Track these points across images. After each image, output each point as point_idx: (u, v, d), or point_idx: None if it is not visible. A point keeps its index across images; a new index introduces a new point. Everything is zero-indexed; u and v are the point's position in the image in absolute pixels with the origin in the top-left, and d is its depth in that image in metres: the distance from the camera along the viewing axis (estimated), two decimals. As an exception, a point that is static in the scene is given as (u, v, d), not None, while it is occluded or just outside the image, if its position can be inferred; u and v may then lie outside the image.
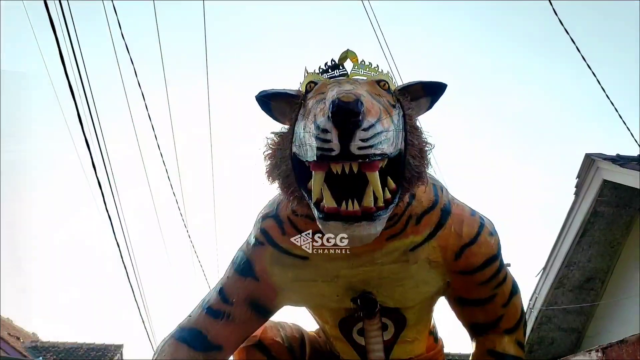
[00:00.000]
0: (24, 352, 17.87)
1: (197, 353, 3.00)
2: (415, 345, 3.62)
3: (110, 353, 20.64)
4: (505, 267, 3.26)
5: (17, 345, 18.08)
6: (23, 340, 19.94)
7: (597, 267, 8.51)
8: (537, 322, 9.13)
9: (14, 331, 19.82)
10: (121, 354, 21.50)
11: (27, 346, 19.57)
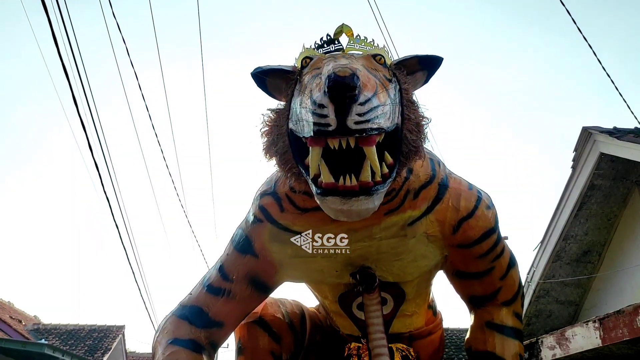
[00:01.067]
0: (27, 335, 18.00)
1: (199, 330, 3.02)
2: (415, 318, 3.66)
3: (112, 334, 20.82)
4: (502, 240, 3.28)
5: (19, 328, 18.20)
6: (25, 323, 20.08)
7: (594, 240, 8.56)
8: (534, 295, 9.21)
9: (15, 314, 19.95)
10: (123, 335, 21.70)
11: (29, 329, 19.72)
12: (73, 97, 4.80)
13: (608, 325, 4.59)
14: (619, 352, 5.17)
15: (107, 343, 20.08)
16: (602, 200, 8.06)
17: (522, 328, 3.48)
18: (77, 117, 4.83)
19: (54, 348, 12.36)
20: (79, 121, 5.03)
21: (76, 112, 4.82)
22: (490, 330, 3.28)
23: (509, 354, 3.18)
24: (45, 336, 18.38)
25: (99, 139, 5.48)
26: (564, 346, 5.36)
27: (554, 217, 8.54)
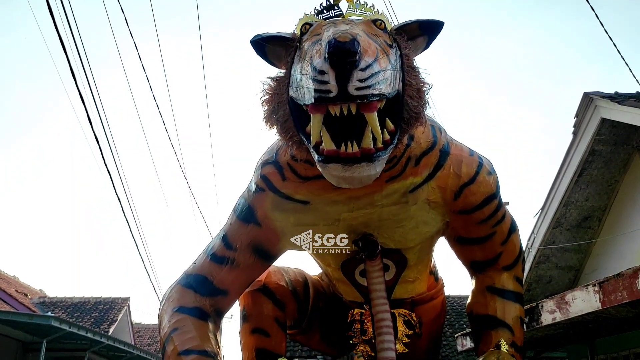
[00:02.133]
0: (33, 308, 18.23)
1: (204, 298, 3.06)
2: (416, 284, 3.70)
3: (117, 306, 21.09)
4: (503, 206, 3.30)
5: (26, 302, 18.43)
6: (31, 296, 20.33)
7: (595, 206, 8.58)
8: (535, 261, 9.29)
9: (21, 288, 20.18)
10: (128, 306, 21.98)
11: (35, 302, 19.97)
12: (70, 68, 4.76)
13: (607, 289, 4.63)
14: (618, 315, 5.23)
15: (113, 315, 20.35)
16: (602, 165, 8.06)
17: (523, 292, 3.52)
18: (75, 89, 4.79)
19: (61, 320, 12.54)
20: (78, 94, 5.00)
21: (74, 84, 4.79)
22: (491, 295, 3.32)
23: (509, 317, 3.22)
24: (52, 309, 18.62)
25: (99, 112, 5.45)
26: (563, 310, 5.41)
27: (555, 183, 8.55)
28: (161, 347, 2.99)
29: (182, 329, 2.86)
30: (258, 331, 3.52)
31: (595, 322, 5.71)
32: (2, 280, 18.56)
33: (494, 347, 3.03)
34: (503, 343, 3.02)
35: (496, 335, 3.13)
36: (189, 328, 2.87)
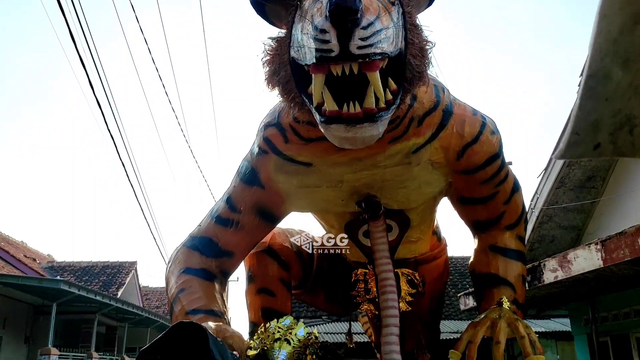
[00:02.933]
0: (42, 272, 18.53)
1: (209, 259, 3.10)
2: (419, 244, 3.73)
3: (124, 270, 21.43)
4: (506, 165, 3.29)
5: (34, 266, 18.72)
6: (39, 261, 20.64)
7: (598, 166, 8.57)
8: (538, 222, 9.34)
9: (29, 253, 20.46)
10: (135, 270, 22.34)
11: (44, 267, 20.29)
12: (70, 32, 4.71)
13: (610, 247, 4.67)
14: (619, 272, 5.30)
15: (121, 278, 20.68)
16: (607, 125, 8.00)
17: (525, 251, 3.54)
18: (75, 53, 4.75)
19: (70, 283, 12.77)
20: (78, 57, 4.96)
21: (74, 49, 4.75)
22: (494, 254, 3.34)
23: (511, 275, 3.24)
24: (60, 273, 18.92)
25: (99, 76, 5.42)
26: (565, 268, 5.47)
27: (559, 142, 8.51)
28: (169, 308, 3.05)
29: (189, 289, 2.91)
30: (264, 291, 3.58)
31: (597, 281, 5.79)
32: (11, 246, 18.82)
33: (496, 304, 3.06)
34: (505, 300, 3.05)
35: (498, 293, 3.16)
36: (196, 288, 2.91)
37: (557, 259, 5.69)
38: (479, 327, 2.97)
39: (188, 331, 1.51)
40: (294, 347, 2.17)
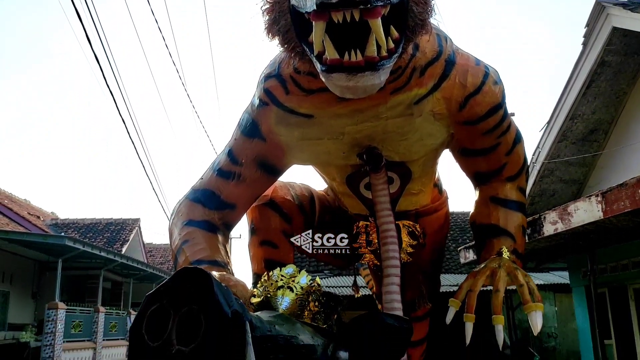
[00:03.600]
0: (46, 230, 18.71)
1: (212, 212, 3.12)
2: (421, 196, 3.75)
3: (128, 227, 21.62)
4: (509, 116, 3.27)
5: (39, 223, 18.88)
6: (43, 219, 20.80)
7: (601, 119, 8.52)
8: (539, 176, 9.35)
9: (33, 211, 20.61)
10: (139, 227, 22.54)
11: (48, 224, 20.47)
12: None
13: (610, 199, 4.68)
14: (619, 224, 5.33)
15: (125, 235, 20.88)
16: (611, 77, 7.91)
17: (526, 202, 3.56)
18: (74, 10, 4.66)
19: (74, 240, 12.89)
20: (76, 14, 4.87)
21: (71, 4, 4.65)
22: (495, 205, 3.36)
23: (512, 225, 3.26)
24: (64, 230, 19.08)
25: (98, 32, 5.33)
26: (565, 221, 5.50)
27: (562, 96, 8.44)
28: (173, 259, 3.09)
29: (192, 240, 2.94)
30: (266, 243, 3.62)
31: (596, 233, 5.83)
32: (15, 204, 18.94)
33: (496, 254, 3.10)
34: (505, 250, 3.08)
35: (498, 243, 3.18)
36: (199, 240, 2.94)
37: (557, 212, 5.72)
38: (479, 276, 3.02)
39: (193, 277, 1.54)
40: (297, 295, 2.20)
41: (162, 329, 1.50)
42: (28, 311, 15.94)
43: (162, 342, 1.48)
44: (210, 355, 1.45)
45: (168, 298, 1.53)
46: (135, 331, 1.53)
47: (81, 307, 14.80)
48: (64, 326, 13.04)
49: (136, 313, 1.57)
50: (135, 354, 1.54)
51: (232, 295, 1.58)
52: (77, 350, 13.93)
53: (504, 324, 2.89)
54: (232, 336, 1.50)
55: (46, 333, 12.64)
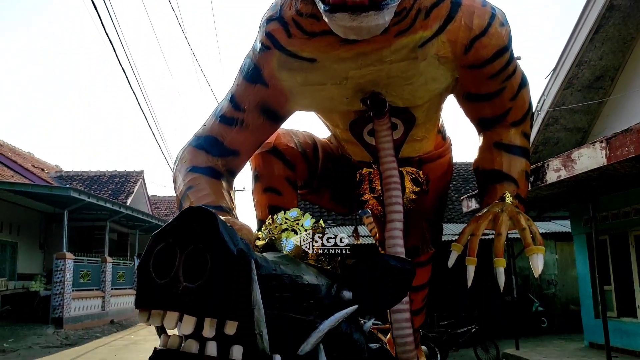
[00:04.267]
0: (51, 182, 18.83)
1: (215, 158, 3.11)
2: (424, 143, 3.73)
3: (132, 179, 21.76)
4: (514, 60, 3.21)
5: (43, 176, 18.99)
6: (48, 171, 20.91)
7: (608, 65, 8.40)
8: (543, 124, 9.30)
9: (37, 163, 20.69)
10: (143, 179, 22.68)
11: (53, 176, 20.59)
12: None
13: (614, 144, 4.67)
14: (623, 171, 5.33)
15: (129, 187, 21.03)
16: (620, 22, 7.75)
17: (530, 147, 3.55)
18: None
19: (80, 191, 12.99)
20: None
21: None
22: (498, 150, 3.34)
23: (515, 171, 3.26)
24: (69, 183, 19.21)
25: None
26: (569, 167, 5.51)
27: (569, 41, 8.29)
28: (177, 205, 3.10)
29: (196, 187, 2.94)
30: (270, 190, 3.63)
31: (599, 180, 5.84)
32: (19, 156, 19.00)
33: (499, 199, 3.11)
34: (507, 195, 3.09)
35: (501, 189, 3.19)
36: (204, 186, 2.95)
37: (560, 159, 5.72)
38: (481, 221, 3.04)
39: (198, 216, 1.55)
40: (301, 237, 2.23)
41: (169, 267, 1.52)
42: (36, 262, 16.24)
43: (170, 280, 1.50)
44: (217, 292, 1.48)
45: (174, 237, 1.54)
46: (143, 269, 1.55)
47: (89, 258, 15.05)
48: (73, 276, 13.32)
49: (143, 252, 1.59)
50: (143, 291, 1.57)
51: (237, 235, 1.60)
52: (86, 299, 14.28)
53: (505, 267, 2.93)
54: (237, 274, 1.52)
55: (55, 282, 12.91)
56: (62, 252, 13.03)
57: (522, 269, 11.75)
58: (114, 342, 11.98)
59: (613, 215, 7.85)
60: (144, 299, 1.57)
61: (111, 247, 17.75)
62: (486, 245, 3.14)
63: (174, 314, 1.53)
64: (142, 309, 1.60)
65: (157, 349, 1.61)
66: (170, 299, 1.51)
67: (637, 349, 7.62)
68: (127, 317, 16.78)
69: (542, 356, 7.86)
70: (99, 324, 14.71)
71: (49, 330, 12.28)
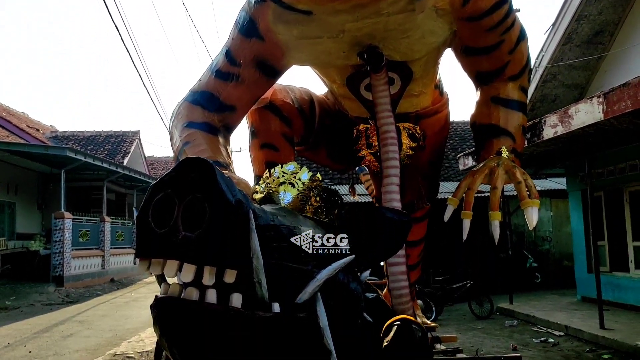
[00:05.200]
0: (46, 142, 18.74)
1: (212, 114, 3.10)
2: (421, 98, 3.71)
3: (128, 139, 21.65)
4: (513, 12, 3.17)
5: (39, 136, 18.89)
6: (43, 131, 20.78)
7: (608, 20, 8.28)
8: (541, 80, 9.23)
9: (32, 124, 20.54)
10: (139, 139, 22.57)
11: (48, 136, 20.48)
12: None
13: (612, 99, 4.65)
14: (619, 126, 5.33)
15: (125, 147, 20.95)
16: (621, -25, 7.61)
17: (527, 101, 3.54)
18: None
19: (76, 151, 12.94)
20: None
21: None
22: (495, 105, 3.34)
23: (512, 125, 3.27)
24: (65, 143, 19.13)
25: None
26: (565, 123, 5.50)
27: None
28: (175, 161, 3.11)
29: (193, 142, 2.94)
30: (267, 146, 3.63)
31: (596, 136, 5.84)
32: (13, 117, 18.85)
33: (495, 154, 3.12)
34: (504, 149, 3.10)
35: (498, 143, 3.20)
36: (200, 141, 2.95)
37: (557, 115, 5.70)
38: (477, 175, 3.06)
39: (196, 166, 1.56)
40: (299, 190, 2.24)
41: (168, 217, 1.53)
42: (35, 221, 16.32)
43: (169, 229, 1.52)
44: (216, 240, 1.50)
45: (172, 187, 1.55)
46: (142, 219, 1.57)
47: (87, 217, 15.12)
48: (72, 235, 13.40)
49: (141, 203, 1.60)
50: (143, 240, 1.59)
51: (235, 186, 1.61)
52: (86, 257, 14.41)
53: (500, 221, 2.97)
54: (236, 223, 1.54)
55: (55, 241, 13.00)
56: (61, 212, 13.08)
57: (517, 226, 11.88)
58: (115, 299, 12.17)
59: (609, 171, 7.89)
60: (144, 248, 1.59)
61: (109, 207, 17.81)
62: (482, 202, 3.17)
63: (173, 263, 1.55)
64: (142, 258, 1.62)
65: (158, 296, 1.64)
66: (170, 248, 1.53)
67: (628, 302, 7.78)
68: (127, 275, 16.99)
69: (535, 310, 8.02)
70: (99, 282, 14.90)
71: (50, 288, 12.45)
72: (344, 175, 11.85)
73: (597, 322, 6.26)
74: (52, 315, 9.63)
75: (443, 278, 8.95)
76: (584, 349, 5.61)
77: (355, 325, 2.11)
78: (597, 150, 6.80)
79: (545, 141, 6.08)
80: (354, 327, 2.10)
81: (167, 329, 1.62)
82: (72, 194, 16.74)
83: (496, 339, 6.19)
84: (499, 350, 5.17)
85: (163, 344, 1.66)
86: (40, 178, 16.23)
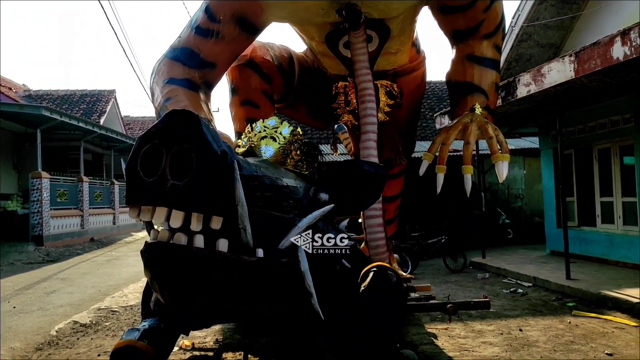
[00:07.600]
0: (20, 101, 18.34)
1: (192, 70, 3.13)
2: (399, 56, 3.79)
3: (104, 98, 21.25)
4: (489, -29, 3.24)
5: (11, 95, 18.45)
6: (15, 90, 20.28)
7: (584, -21, 8.34)
8: (517, 40, 9.30)
9: (4, 82, 19.98)
10: (115, 99, 22.15)
11: (21, 95, 19.99)
12: None
13: (583, 58, 4.76)
14: (590, 84, 5.47)
15: (101, 106, 20.60)
16: None
17: (500, 59, 3.63)
18: None
19: (52, 110, 12.72)
20: None
21: None
22: (470, 63, 3.43)
23: (485, 83, 3.37)
24: (39, 102, 18.73)
25: None
26: (538, 82, 5.62)
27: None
28: (157, 117, 3.16)
29: (175, 98, 2.99)
30: (247, 103, 3.69)
31: (567, 95, 5.98)
32: (-17, 75, 18.33)
33: (469, 110, 3.23)
34: (477, 106, 3.21)
35: (472, 100, 3.30)
36: (182, 97, 2.99)
37: (531, 73, 5.82)
38: (451, 131, 3.17)
39: (182, 118, 1.63)
40: (280, 144, 2.33)
41: (156, 167, 1.61)
42: (11, 181, 16.12)
43: (157, 178, 1.60)
44: (203, 188, 1.59)
45: (160, 138, 1.62)
46: (131, 169, 1.65)
47: (65, 177, 14.99)
48: (50, 194, 13.31)
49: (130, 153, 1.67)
50: (132, 189, 1.67)
51: (220, 137, 1.69)
52: (65, 217, 14.36)
53: (472, 174, 3.10)
54: (221, 172, 1.63)
55: (32, 201, 12.91)
56: (38, 172, 12.93)
57: (491, 184, 12.14)
58: (96, 258, 12.21)
59: (579, 129, 8.08)
60: (134, 196, 1.68)
61: (86, 168, 17.63)
62: (456, 161, 3.27)
63: (162, 210, 1.65)
64: (132, 206, 1.71)
65: (147, 242, 1.74)
66: (158, 196, 1.61)
67: (594, 254, 8.10)
68: (106, 235, 16.99)
69: (506, 263, 8.31)
70: (79, 242, 14.89)
71: (29, 248, 12.43)
72: (322, 134, 11.91)
73: (563, 274, 6.53)
74: (34, 273, 9.66)
75: (419, 234, 9.18)
76: (550, 297, 5.89)
77: (334, 270, 2.24)
78: (568, 108, 6.96)
79: (519, 100, 6.21)
80: (333, 272, 2.23)
81: (157, 273, 1.73)
82: (49, 154, 16.52)
83: (468, 290, 6.45)
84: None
85: (154, 286, 1.77)
86: (15, 138, 15.94)
